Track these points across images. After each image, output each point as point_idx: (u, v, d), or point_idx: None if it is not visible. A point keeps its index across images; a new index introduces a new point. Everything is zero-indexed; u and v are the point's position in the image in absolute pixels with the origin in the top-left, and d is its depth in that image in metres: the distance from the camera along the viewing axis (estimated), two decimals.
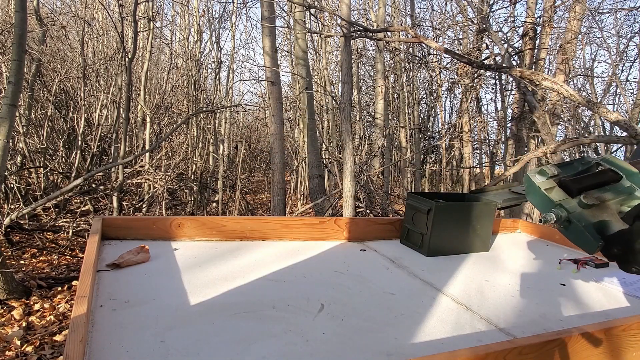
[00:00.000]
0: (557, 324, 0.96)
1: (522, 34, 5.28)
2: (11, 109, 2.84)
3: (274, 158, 4.74)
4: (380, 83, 7.21)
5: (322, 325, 0.88)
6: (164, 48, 9.65)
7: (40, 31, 5.09)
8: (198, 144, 7.45)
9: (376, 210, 5.82)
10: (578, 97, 2.88)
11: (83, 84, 5.44)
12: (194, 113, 6.81)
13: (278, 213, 4.63)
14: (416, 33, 3.40)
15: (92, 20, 6.84)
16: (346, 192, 3.64)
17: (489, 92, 14.26)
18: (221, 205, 6.15)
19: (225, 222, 1.38)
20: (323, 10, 5.36)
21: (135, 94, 6.85)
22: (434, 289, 1.14)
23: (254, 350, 0.76)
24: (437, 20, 8.34)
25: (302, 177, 8.45)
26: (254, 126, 13.25)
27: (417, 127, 8.31)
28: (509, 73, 3.50)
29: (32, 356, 2.50)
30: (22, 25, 2.88)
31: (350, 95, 3.78)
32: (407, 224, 1.52)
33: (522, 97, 5.01)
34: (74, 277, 3.65)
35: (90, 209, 5.05)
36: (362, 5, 9.37)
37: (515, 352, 0.71)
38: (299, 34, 6.05)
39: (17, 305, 3.06)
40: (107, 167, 4.56)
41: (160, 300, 0.92)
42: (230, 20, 8.54)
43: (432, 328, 0.92)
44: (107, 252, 1.17)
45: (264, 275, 1.13)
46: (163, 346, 0.75)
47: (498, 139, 8.55)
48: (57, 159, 5.66)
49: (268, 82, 4.74)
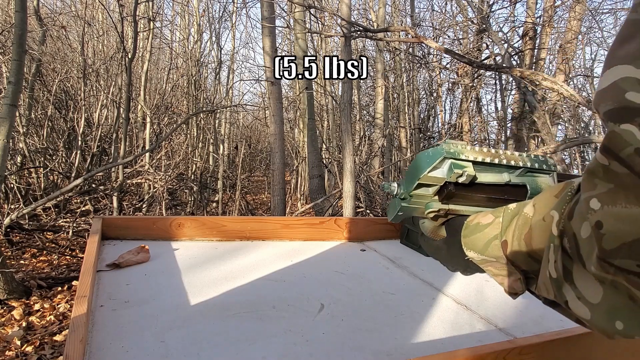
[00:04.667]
0: (557, 324, 0.96)
1: (522, 34, 5.29)
2: (11, 109, 2.84)
3: (274, 158, 4.74)
4: (380, 83, 7.21)
5: (322, 325, 0.88)
6: (164, 48, 9.65)
7: (40, 31, 5.09)
8: (198, 144, 7.45)
9: (376, 210, 5.82)
10: (578, 97, 2.88)
11: (83, 84, 5.44)
12: (194, 113, 6.81)
13: (278, 213, 4.63)
14: (416, 33, 3.40)
15: (92, 20, 6.84)
16: (346, 192, 3.64)
17: (489, 92, 14.27)
18: (221, 205, 6.16)
19: (225, 222, 1.38)
20: (323, 10, 5.36)
21: (135, 94, 6.85)
22: (434, 289, 1.14)
23: (254, 350, 0.76)
24: (437, 20, 8.34)
25: (302, 177, 8.45)
26: (254, 126, 13.25)
27: (417, 127, 8.31)
28: (509, 73, 3.50)
29: (32, 356, 2.50)
30: (22, 25, 2.88)
31: (350, 95, 3.78)
32: (407, 224, 1.52)
33: (522, 97, 5.01)
34: (74, 277, 3.65)
35: (90, 209, 5.05)
36: (362, 5, 9.37)
37: (515, 352, 0.71)
38: (299, 34, 6.05)
39: (17, 305, 3.06)
40: (107, 167, 4.57)
41: (160, 300, 0.92)
42: (231, 20, 8.55)
43: (432, 328, 0.92)
44: (107, 252, 1.17)
45: (264, 275, 1.13)
46: (163, 346, 0.75)
47: (498, 139, 8.55)
48: (57, 159, 5.66)
49: (268, 82, 4.74)
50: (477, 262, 0.54)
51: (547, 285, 0.43)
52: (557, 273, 0.40)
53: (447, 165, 0.54)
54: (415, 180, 0.56)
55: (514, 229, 0.48)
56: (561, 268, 0.40)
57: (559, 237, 0.40)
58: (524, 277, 0.50)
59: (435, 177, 0.55)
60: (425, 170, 0.54)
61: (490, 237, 0.51)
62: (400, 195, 0.58)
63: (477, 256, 0.53)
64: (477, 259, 0.53)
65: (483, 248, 0.52)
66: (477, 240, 0.53)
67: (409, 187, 0.57)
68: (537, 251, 0.45)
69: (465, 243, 0.54)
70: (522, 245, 0.47)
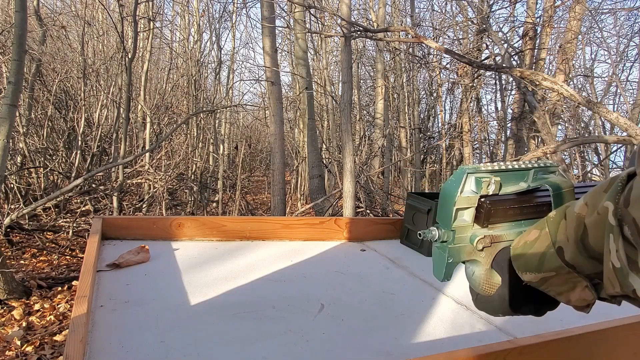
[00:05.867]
0: (557, 324, 0.96)
1: (522, 34, 5.29)
2: (11, 109, 2.84)
3: (274, 158, 4.74)
4: (380, 83, 7.21)
5: (322, 325, 0.88)
6: (164, 48, 9.66)
7: (40, 31, 5.09)
8: (198, 144, 7.46)
9: (376, 210, 5.83)
10: (578, 97, 2.88)
11: (83, 84, 5.44)
12: (194, 113, 6.82)
13: (278, 213, 4.63)
14: (416, 33, 3.40)
15: (92, 20, 6.84)
16: (346, 192, 3.64)
17: (489, 92, 14.24)
18: (221, 205, 6.16)
19: (225, 222, 1.38)
20: (323, 10, 5.36)
21: (135, 94, 6.85)
22: (434, 289, 1.14)
23: (254, 350, 0.76)
24: (437, 20, 8.35)
25: (302, 177, 8.45)
26: (254, 126, 13.26)
27: (417, 127, 8.32)
28: (509, 73, 3.50)
29: (32, 356, 2.50)
30: (22, 25, 2.88)
31: (350, 95, 3.79)
32: (407, 224, 1.52)
33: (522, 97, 5.02)
34: (74, 277, 3.65)
35: (90, 209, 5.05)
36: (362, 5, 9.38)
37: (515, 352, 0.71)
38: (299, 34, 6.05)
39: (17, 305, 3.06)
40: (107, 167, 4.57)
41: (160, 300, 0.92)
42: (231, 20, 8.56)
43: (432, 328, 0.92)
44: (107, 252, 1.17)
45: (264, 275, 1.12)
46: (163, 346, 0.75)
47: (498, 139, 8.56)
48: (57, 159, 5.66)
49: (268, 82, 4.74)
50: (535, 284, 0.51)
51: (612, 279, 0.41)
52: (621, 262, 0.39)
53: (472, 181, 0.56)
54: (451, 209, 0.55)
55: (566, 233, 0.46)
56: (624, 257, 0.39)
57: (618, 226, 0.39)
58: (591, 284, 0.47)
59: (468, 197, 0.55)
60: (456, 193, 0.55)
61: (542, 250, 0.49)
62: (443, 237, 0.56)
63: (535, 276, 0.50)
64: (536, 280, 0.51)
65: (539, 265, 0.49)
66: (530, 259, 0.50)
67: (447, 222, 0.56)
68: (596, 247, 0.44)
69: (518, 267, 0.52)
70: (579, 246, 0.45)
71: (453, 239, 0.56)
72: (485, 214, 0.56)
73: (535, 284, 0.51)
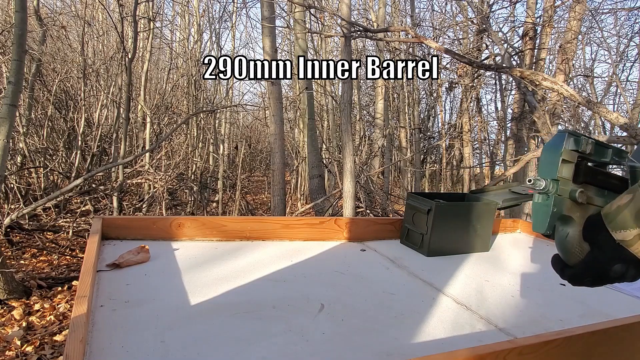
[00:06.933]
0: (557, 324, 0.96)
1: (522, 34, 5.29)
2: (11, 109, 2.85)
3: (274, 158, 4.74)
4: (380, 83, 7.21)
5: (322, 325, 0.88)
6: (164, 48, 9.66)
7: (40, 31, 5.09)
8: (198, 144, 7.46)
9: (376, 210, 5.82)
10: (578, 97, 2.88)
11: (83, 84, 5.44)
12: (194, 113, 6.82)
13: (278, 213, 4.63)
14: (416, 33, 3.40)
15: (92, 20, 6.84)
16: (346, 192, 3.64)
17: (489, 92, 14.26)
18: (221, 205, 6.16)
19: (225, 222, 1.38)
20: (323, 10, 5.36)
21: (135, 94, 6.85)
22: (434, 289, 1.14)
23: (254, 350, 0.76)
24: (437, 20, 8.34)
25: (302, 177, 8.45)
26: (254, 126, 13.26)
27: (417, 127, 8.31)
28: (509, 73, 3.50)
29: (32, 356, 2.50)
30: (22, 25, 2.88)
31: (350, 95, 3.79)
32: (407, 224, 1.52)
33: (522, 97, 5.02)
34: (74, 277, 3.65)
35: (90, 209, 5.05)
36: (362, 5, 9.37)
37: (515, 352, 0.71)
38: (299, 34, 6.05)
39: (17, 305, 3.06)
40: (107, 167, 4.57)
41: (160, 300, 0.92)
42: (231, 20, 8.55)
43: (432, 328, 0.92)
44: (107, 252, 1.17)
45: (264, 275, 1.13)
46: (163, 346, 0.75)
47: (498, 139, 8.55)
48: (57, 159, 5.66)
49: (268, 82, 4.74)
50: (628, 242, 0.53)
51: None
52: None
53: (572, 141, 0.62)
54: (558, 159, 0.60)
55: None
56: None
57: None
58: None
59: (570, 150, 0.61)
60: (562, 146, 0.60)
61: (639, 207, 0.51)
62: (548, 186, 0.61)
63: (629, 233, 0.52)
64: (629, 238, 0.52)
65: (636, 218, 0.51)
66: (624, 217, 0.53)
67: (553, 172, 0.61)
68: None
69: (612, 227, 0.54)
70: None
71: (557, 189, 0.61)
72: (584, 170, 0.62)
73: (627, 243, 0.53)
